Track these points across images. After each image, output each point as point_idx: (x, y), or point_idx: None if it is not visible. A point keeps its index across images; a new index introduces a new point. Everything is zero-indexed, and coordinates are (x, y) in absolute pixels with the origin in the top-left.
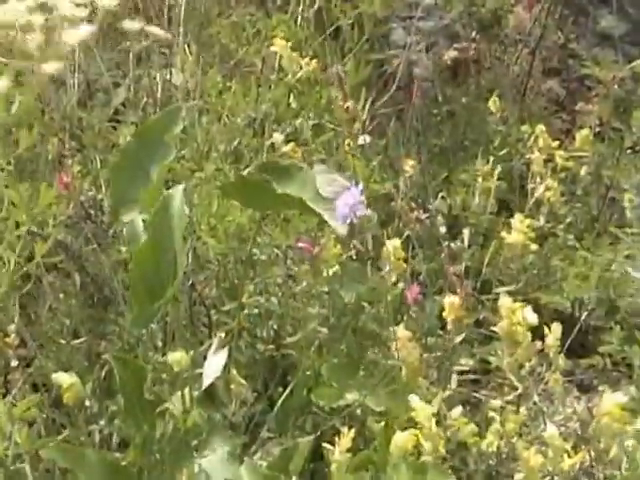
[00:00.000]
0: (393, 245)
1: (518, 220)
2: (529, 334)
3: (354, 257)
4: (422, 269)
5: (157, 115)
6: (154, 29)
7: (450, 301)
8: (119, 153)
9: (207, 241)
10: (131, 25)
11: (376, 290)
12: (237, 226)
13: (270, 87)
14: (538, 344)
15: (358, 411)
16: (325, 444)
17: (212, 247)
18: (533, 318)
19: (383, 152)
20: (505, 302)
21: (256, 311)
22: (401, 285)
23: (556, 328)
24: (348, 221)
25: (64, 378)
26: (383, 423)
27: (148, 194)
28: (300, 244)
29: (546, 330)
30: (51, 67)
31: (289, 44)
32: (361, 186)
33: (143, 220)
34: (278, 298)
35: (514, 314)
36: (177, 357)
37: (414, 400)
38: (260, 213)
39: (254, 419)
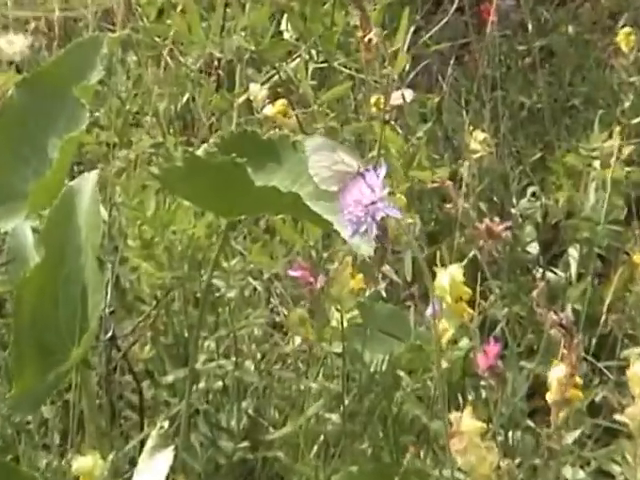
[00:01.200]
0: (450, 274)
1: None
2: None
3: (385, 294)
4: (499, 315)
5: (60, 53)
6: None
7: (551, 371)
8: None
9: (138, 266)
10: None
11: (422, 350)
12: (188, 241)
13: (246, 6)
14: None
15: None
16: None
17: (147, 276)
18: None
19: (435, 118)
20: (639, 371)
21: (219, 384)
22: (465, 342)
23: None
24: (361, 231)
25: None
26: None
27: (42, 186)
28: (293, 272)
29: None
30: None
31: None
32: (384, 168)
33: (33, 230)
34: (256, 363)
35: None
36: (87, 463)
37: None
38: (227, 219)
39: None
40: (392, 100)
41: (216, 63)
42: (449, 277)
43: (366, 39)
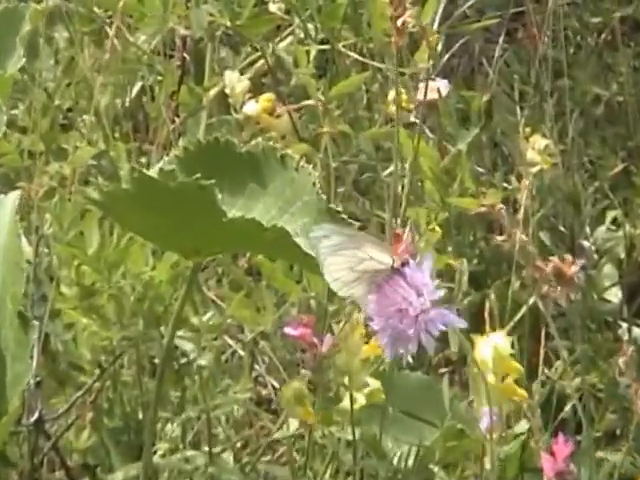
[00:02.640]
0: (494, 346)
1: None
2: None
3: (412, 361)
4: (569, 388)
5: None
6: None
7: None
8: None
9: (75, 322)
10: None
11: (464, 437)
12: (144, 288)
13: None
14: None
15: None
16: None
17: (87, 336)
18: None
19: (480, 118)
20: None
21: None
22: (523, 426)
23: None
24: (410, 350)
25: None
26: None
27: None
28: (290, 329)
29: None
30: None
31: None
32: (428, 260)
33: None
34: (237, 454)
35: None
36: None
37: None
38: (192, 260)
39: None
40: (422, 94)
41: (179, 43)
42: (492, 349)
43: (399, 21)
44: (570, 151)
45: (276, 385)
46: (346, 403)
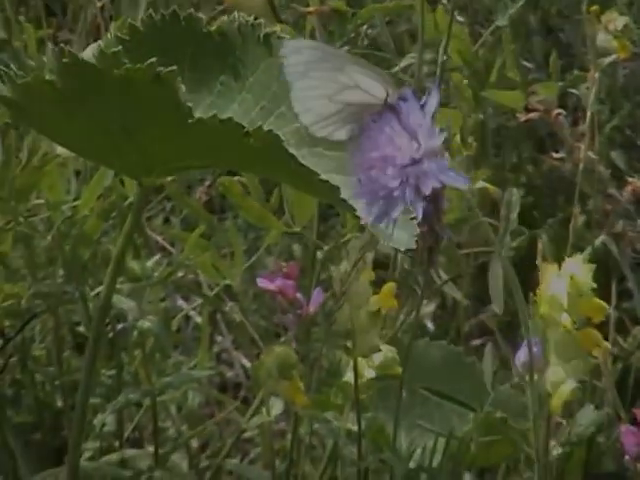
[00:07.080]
0: (570, 273)
1: None
2: None
3: (433, 325)
4: None
5: None
6: None
7: None
8: None
9: None
10: None
11: (508, 428)
12: (67, 225)
13: None
14: None
15: None
16: None
17: None
18: None
19: None
20: None
21: None
22: (589, 415)
23: None
24: (392, 213)
25: None
26: None
27: None
28: (264, 282)
29: None
30: None
31: None
32: (434, 96)
33: None
34: (194, 457)
35: None
36: None
37: None
38: (142, 182)
39: None
40: None
41: None
42: (567, 278)
43: None
44: None
45: (246, 364)
46: (349, 377)
